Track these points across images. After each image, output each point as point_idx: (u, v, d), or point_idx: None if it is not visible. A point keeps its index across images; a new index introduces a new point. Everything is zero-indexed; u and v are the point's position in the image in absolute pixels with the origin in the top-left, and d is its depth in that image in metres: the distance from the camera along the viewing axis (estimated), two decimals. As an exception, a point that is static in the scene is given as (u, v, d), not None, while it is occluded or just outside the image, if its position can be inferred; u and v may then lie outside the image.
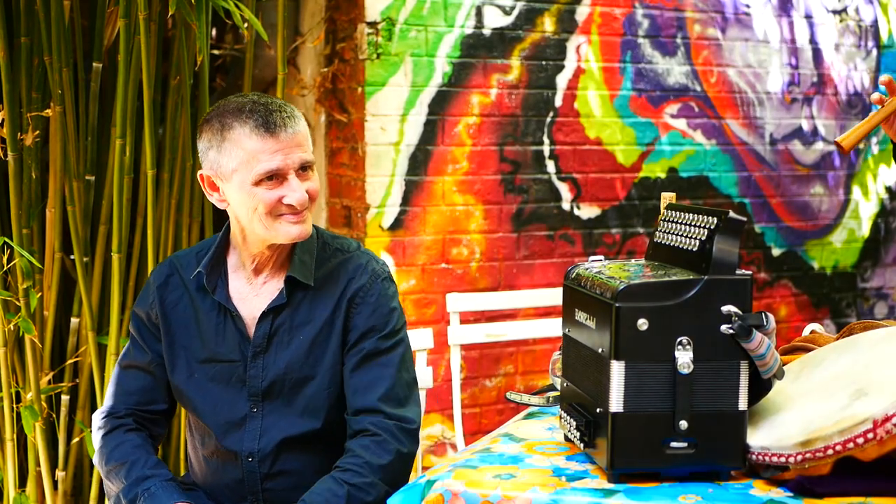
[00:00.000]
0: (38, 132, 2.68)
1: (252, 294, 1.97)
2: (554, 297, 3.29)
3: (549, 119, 4.01)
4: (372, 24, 3.67)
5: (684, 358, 1.42)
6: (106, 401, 2.06)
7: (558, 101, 4.02)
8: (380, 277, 1.98)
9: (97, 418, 2.05)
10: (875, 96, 2.13)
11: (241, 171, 1.83)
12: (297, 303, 1.95)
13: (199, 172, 1.92)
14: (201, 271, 1.96)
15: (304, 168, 1.87)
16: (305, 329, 1.95)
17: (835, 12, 4.61)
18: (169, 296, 2.01)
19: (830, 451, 1.37)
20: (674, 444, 1.44)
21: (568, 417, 1.60)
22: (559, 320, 1.70)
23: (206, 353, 1.98)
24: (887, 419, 1.34)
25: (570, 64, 4.03)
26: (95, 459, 2.04)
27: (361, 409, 1.92)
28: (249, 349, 1.96)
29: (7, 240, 2.60)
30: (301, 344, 1.95)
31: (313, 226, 2.01)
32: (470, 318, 3.76)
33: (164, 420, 2.08)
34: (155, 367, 2.02)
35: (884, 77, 2.14)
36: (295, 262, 1.94)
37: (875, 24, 4.73)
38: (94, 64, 2.80)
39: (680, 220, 1.57)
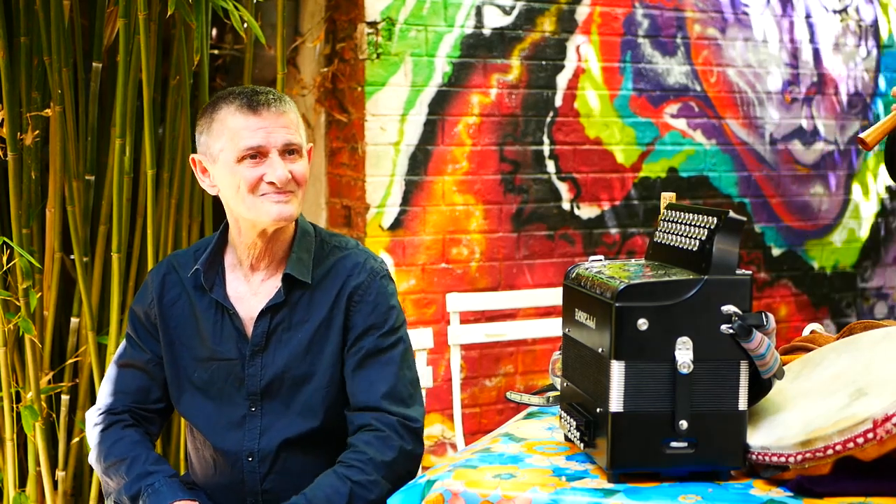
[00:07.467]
0: (37, 132, 2.68)
1: (250, 293, 1.97)
2: (554, 297, 3.29)
3: (548, 119, 4.01)
4: (372, 24, 3.67)
5: (684, 358, 1.42)
6: (101, 398, 2.05)
7: (558, 101, 4.02)
8: (378, 275, 1.97)
9: (93, 415, 2.04)
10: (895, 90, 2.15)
11: (227, 149, 1.87)
12: (296, 301, 1.95)
13: (190, 156, 1.97)
14: (198, 269, 1.96)
15: (290, 151, 1.89)
16: (304, 327, 1.94)
17: (835, 12, 4.61)
18: (167, 294, 2.00)
19: (830, 451, 1.37)
20: (673, 444, 1.44)
21: (568, 417, 1.60)
22: (559, 320, 1.70)
23: (205, 352, 1.97)
24: (887, 419, 1.34)
25: (569, 64, 4.03)
26: (92, 455, 2.02)
27: (364, 406, 1.91)
28: (248, 348, 1.95)
29: (7, 240, 2.60)
30: (300, 342, 1.94)
31: (311, 224, 2.01)
32: (470, 317, 3.76)
33: (159, 419, 2.07)
34: (153, 366, 2.01)
35: None
36: (292, 260, 1.93)
37: (875, 24, 4.72)
38: (94, 64, 2.80)
39: (680, 220, 1.57)
